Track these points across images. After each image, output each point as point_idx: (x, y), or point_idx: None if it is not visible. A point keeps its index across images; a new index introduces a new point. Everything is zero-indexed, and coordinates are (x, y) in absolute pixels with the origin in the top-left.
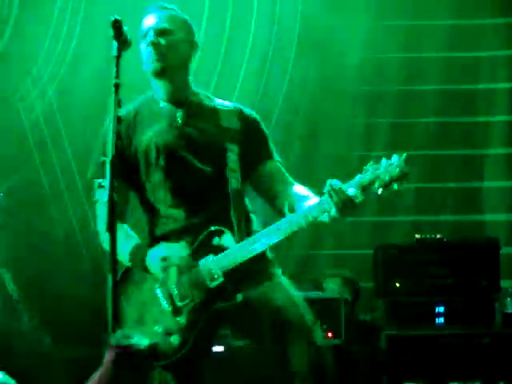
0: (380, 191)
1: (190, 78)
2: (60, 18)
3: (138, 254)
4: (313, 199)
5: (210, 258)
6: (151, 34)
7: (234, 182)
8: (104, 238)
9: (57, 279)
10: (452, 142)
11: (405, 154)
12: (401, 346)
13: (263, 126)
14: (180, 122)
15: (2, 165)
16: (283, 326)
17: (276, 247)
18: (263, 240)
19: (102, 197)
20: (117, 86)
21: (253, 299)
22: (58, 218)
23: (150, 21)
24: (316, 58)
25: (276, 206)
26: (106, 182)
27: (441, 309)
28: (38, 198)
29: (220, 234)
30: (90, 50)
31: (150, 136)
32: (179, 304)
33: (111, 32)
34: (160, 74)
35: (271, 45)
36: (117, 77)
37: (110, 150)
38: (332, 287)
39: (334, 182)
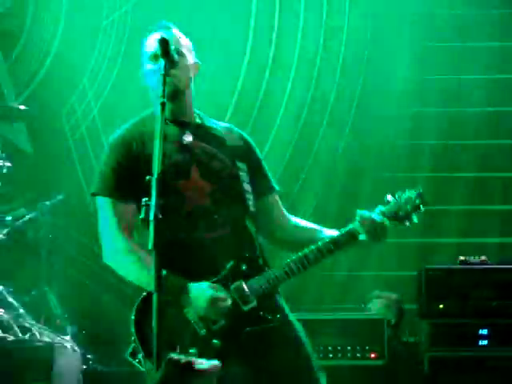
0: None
1: (193, 99)
2: (106, 37)
3: (175, 284)
4: (332, 231)
5: (241, 282)
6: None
7: (251, 205)
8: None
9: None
10: (497, 165)
11: (421, 190)
12: (444, 367)
13: (257, 148)
14: (189, 142)
15: (49, 182)
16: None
17: (322, 267)
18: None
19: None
20: (163, 105)
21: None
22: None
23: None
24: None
25: (276, 238)
26: (152, 201)
27: (484, 331)
28: (82, 215)
29: (246, 260)
30: (135, 69)
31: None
32: (213, 328)
33: (158, 51)
34: (172, 97)
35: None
36: (163, 96)
37: (155, 168)
38: (376, 308)
39: (363, 212)
